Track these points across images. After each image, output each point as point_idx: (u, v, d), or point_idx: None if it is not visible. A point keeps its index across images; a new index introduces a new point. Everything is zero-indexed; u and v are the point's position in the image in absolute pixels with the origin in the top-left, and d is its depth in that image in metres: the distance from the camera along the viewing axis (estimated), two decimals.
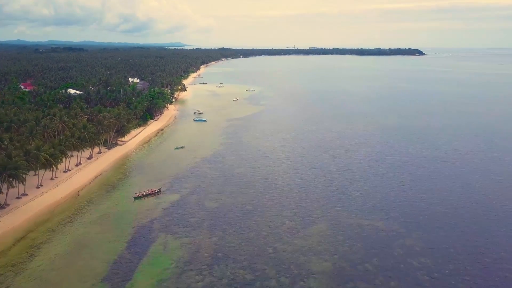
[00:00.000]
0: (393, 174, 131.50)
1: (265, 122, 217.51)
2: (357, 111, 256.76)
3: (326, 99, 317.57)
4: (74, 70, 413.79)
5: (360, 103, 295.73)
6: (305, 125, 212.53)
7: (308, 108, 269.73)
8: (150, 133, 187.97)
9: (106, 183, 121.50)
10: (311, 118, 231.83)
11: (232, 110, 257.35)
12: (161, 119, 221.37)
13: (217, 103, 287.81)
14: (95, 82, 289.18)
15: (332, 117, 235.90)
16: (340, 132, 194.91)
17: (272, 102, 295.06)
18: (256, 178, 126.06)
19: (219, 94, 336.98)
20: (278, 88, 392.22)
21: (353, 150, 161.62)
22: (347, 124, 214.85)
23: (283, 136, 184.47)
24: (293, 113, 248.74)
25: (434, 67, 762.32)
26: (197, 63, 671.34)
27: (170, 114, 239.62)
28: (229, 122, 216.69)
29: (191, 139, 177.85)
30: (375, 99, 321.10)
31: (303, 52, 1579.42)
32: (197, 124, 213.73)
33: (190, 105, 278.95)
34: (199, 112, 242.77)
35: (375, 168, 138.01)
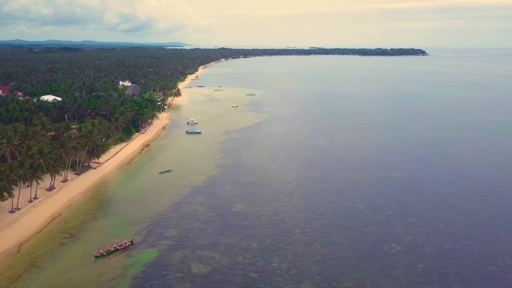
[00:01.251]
0: (436, 212, 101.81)
1: (269, 135, 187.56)
2: (373, 121, 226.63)
3: (335, 105, 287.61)
4: (62, 72, 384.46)
5: (374, 109, 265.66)
6: (315, 138, 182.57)
7: (316, 116, 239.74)
8: (134, 150, 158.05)
9: (62, 230, 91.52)
10: (321, 129, 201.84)
11: (231, 119, 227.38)
12: (149, 131, 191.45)
13: (214, 110, 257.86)
14: (79, 86, 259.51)
15: (346, 128, 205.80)
16: (358, 149, 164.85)
17: (276, 108, 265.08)
18: (262, 221, 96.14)
19: (217, 99, 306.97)
20: (281, 91, 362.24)
21: (379, 175, 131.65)
22: (365, 137, 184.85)
23: (291, 155, 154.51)
24: (300, 123, 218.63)
25: (441, 68, 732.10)
26: (195, 64, 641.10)
27: (160, 124, 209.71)
28: (227, 135, 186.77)
29: (180, 159, 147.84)
30: (390, 105, 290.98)
31: (304, 52, 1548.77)
32: (190, 138, 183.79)
33: (184, 113, 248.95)
34: (192, 122, 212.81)
35: (412, 204, 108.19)
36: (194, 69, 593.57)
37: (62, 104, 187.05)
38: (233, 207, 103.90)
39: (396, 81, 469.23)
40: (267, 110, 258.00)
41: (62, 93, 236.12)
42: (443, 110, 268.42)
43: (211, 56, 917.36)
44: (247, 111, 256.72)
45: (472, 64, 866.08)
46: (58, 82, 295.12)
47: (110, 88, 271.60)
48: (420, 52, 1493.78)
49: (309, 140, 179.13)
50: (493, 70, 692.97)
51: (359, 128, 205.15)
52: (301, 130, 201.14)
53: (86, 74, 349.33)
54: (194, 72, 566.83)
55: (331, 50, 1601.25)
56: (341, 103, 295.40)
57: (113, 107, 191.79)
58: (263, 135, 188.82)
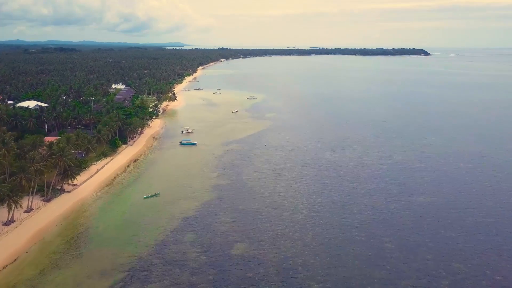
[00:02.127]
0: (485, 254, 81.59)
1: (273, 147, 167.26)
2: (386, 129, 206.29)
3: (343, 109, 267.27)
4: (52, 74, 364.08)
5: (386, 115, 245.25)
6: (325, 150, 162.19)
7: (323, 123, 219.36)
8: (118, 167, 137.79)
9: (12, 286, 71.34)
10: (330, 139, 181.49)
11: (230, 127, 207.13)
12: (138, 143, 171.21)
13: (212, 116, 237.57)
14: (65, 90, 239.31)
15: (357, 137, 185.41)
16: (375, 165, 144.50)
17: (279, 114, 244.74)
18: (268, 270, 75.79)
19: (215, 104, 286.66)
20: (284, 95, 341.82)
21: (405, 200, 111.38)
22: (381, 149, 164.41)
23: (299, 173, 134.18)
24: (306, 131, 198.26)
25: (447, 69, 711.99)
26: (193, 65, 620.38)
27: (152, 133, 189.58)
28: (226, 147, 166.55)
29: (171, 178, 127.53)
30: (403, 109, 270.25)
31: (305, 52, 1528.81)
32: (183, 150, 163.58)
33: (179, 120, 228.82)
34: (187, 131, 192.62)
35: (452, 242, 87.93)
36: (193, 70, 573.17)
37: (40, 112, 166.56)
38: (232, 249, 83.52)
39: (404, 83, 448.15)
40: (269, 116, 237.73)
41: (46, 98, 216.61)
42: (460, 115, 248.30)
43: (211, 56, 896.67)
44: (247, 117, 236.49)
45: (478, 65, 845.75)
46: (46, 85, 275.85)
47: (99, 92, 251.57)
48: (422, 52, 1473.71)
49: (318, 153, 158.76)
50: (501, 71, 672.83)
51: (372, 138, 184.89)
52: (308, 140, 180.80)
53: (77, 77, 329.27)
54: (192, 73, 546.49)
55: (332, 50, 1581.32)
56: (349, 107, 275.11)
57: (98, 116, 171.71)
58: (266, 146, 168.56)
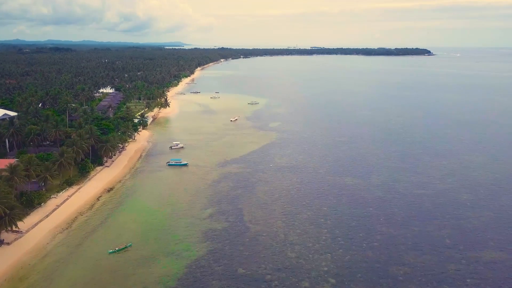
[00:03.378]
0: None
1: (280, 169, 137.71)
2: (414, 145, 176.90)
3: (357, 119, 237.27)
4: (35, 76, 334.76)
5: (408, 126, 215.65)
6: (345, 174, 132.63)
7: (338, 137, 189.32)
8: (85, 201, 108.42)
9: None
10: (349, 159, 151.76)
11: (228, 140, 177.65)
12: (117, 163, 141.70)
13: (208, 126, 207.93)
14: (41, 96, 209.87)
15: (380, 155, 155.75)
16: (411, 197, 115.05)
17: (285, 124, 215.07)
18: None
19: (212, 111, 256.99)
20: (288, 99, 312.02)
21: (466, 258, 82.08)
22: (413, 173, 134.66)
23: (317, 209, 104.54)
24: (319, 147, 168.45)
25: (457, 70, 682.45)
26: (191, 65, 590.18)
27: (136, 149, 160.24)
28: (223, 169, 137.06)
29: (149, 220, 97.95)
30: (427, 120, 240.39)
31: (306, 52, 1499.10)
32: (171, 174, 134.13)
33: (170, 131, 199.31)
34: (177, 146, 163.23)
35: None
36: (190, 71, 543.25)
37: None
38: None
39: (419, 86, 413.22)
40: (273, 127, 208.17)
41: (17, 106, 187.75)
42: (497, 126, 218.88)
43: (210, 56, 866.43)
44: (248, 127, 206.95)
45: (486, 65, 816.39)
46: (23, 90, 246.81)
47: (81, 98, 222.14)
48: (426, 52, 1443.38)
49: (336, 178, 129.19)
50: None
51: (398, 155, 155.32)
52: (322, 159, 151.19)
53: (61, 80, 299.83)
54: (190, 74, 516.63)
55: (333, 50, 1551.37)
56: (363, 116, 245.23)
57: (70, 130, 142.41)
58: (271, 168, 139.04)
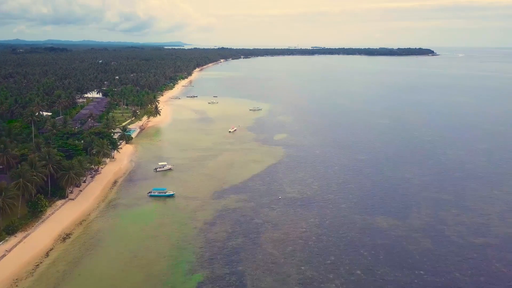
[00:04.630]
0: None
1: (292, 203, 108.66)
2: (449, 163, 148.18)
3: (374, 130, 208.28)
4: (15, 79, 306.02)
5: (436, 139, 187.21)
6: (375, 212, 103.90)
7: (357, 153, 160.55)
8: (28, 259, 79.71)
9: None
10: (376, 186, 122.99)
11: (225, 160, 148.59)
12: (86, 193, 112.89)
13: (203, 139, 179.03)
14: (10, 105, 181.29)
15: (416, 182, 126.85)
16: (472, 249, 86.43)
17: (292, 136, 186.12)
18: None
19: (209, 119, 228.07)
20: (293, 104, 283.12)
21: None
22: (464, 209, 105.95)
23: (346, 271, 75.82)
24: (337, 170, 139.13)
25: (466, 71, 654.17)
26: (189, 66, 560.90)
27: (114, 171, 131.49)
28: (218, 203, 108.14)
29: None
30: (454, 132, 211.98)
31: (308, 52, 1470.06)
32: (152, 209, 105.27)
33: (158, 146, 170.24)
34: (164, 168, 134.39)
35: None
36: (188, 72, 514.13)
37: None
38: None
39: (437, 90, 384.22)
40: (279, 140, 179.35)
41: None
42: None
43: (210, 56, 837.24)
44: (250, 140, 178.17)
45: (494, 66, 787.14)
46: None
47: (58, 106, 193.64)
48: (430, 52, 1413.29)
49: (366, 217, 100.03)
50: None
51: (434, 180, 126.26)
52: (343, 187, 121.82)
53: (43, 83, 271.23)
54: (187, 76, 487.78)
55: (335, 50, 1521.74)
56: (380, 126, 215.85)
57: (26, 152, 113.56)
58: (280, 200, 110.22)
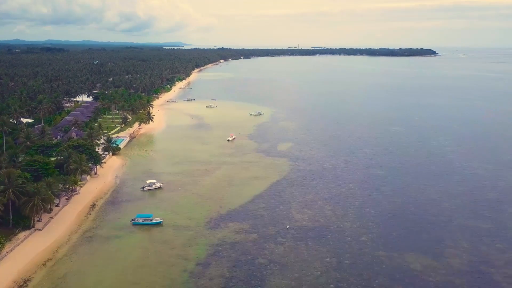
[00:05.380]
0: None
1: (302, 235, 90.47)
2: (493, 185, 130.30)
3: (387, 138, 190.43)
4: (1, 81, 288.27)
5: (471, 153, 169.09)
6: (405, 245, 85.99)
7: (372, 167, 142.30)
8: None
9: None
10: (400, 211, 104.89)
11: (223, 175, 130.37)
12: (57, 221, 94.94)
13: (199, 149, 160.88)
14: None
15: (446, 206, 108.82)
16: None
17: (298, 146, 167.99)
18: None
19: (207, 125, 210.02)
20: (297, 109, 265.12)
21: None
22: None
23: None
24: (352, 188, 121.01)
25: (475, 72, 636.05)
26: (187, 67, 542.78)
27: (95, 191, 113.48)
28: (212, 234, 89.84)
29: None
30: (497, 146, 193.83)
31: (309, 52, 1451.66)
32: (134, 243, 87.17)
33: (148, 158, 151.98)
34: (152, 187, 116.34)
35: None
36: (186, 74, 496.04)
37: None
38: None
39: (442, 92, 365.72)
40: (284, 150, 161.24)
41: None
42: None
43: (209, 57, 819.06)
44: (251, 150, 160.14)
45: (501, 67, 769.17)
46: None
47: (40, 113, 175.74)
48: (431, 52, 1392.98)
49: (393, 255, 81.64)
50: None
51: (468, 203, 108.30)
52: (361, 212, 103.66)
53: (29, 86, 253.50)
54: (185, 77, 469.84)
55: (336, 50, 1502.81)
56: (393, 134, 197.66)
57: None
58: (288, 231, 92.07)
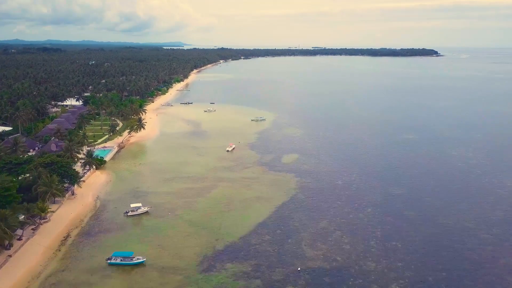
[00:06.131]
0: None
1: (317, 280, 72.97)
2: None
3: (404, 147, 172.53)
4: None
5: (502, 166, 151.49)
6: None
7: (391, 185, 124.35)
8: None
9: None
10: (432, 244, 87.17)
11: (220, 195, 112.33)
12: (17, 259, 77.24)
13: (193, 162, 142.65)
14: None
15: (489, 241, 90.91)
16: None
17: (305, 157, 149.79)
18: None
19: (203, 133, 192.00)
20: (301, 113, 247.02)
21: None
22: None
23: None
24: (371, 213, 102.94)
25: (478, 73, 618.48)
26: (185, 68, 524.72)
27: (69, 218, 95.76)
28: (207, 279, 71.84)
29: None
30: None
31: (309, 52, 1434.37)
32: (113, 286, 69.75)
33: (136, 173, 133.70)
34: (138, 211, 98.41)
35: None
36: (184, 75, 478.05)
37: None
38: None
39: (453, 95, 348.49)
40: (289, 163, 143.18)
41: None
42: None
43: (208, 57, 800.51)
44: (253, 163, 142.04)
45: (506, 67, 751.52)
46: None
47: (17, 121, 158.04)
48: (433, 52, 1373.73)
49: None
50: None
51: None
52: (384, 245, 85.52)
53: (13, 89, 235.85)
54: (183, 79, 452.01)
55: (338, 50, 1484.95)
56: (410, 142, 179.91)
57: None
58: (300, 275, 74.25)
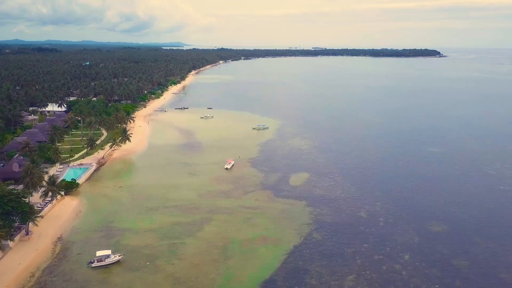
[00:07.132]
0: None
1: None
2: None
3: (433, 166, 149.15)
4: None
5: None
6: None
7: (427, 219, 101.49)
8: None
9: None
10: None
11: (214, 236, 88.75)
12: None
13: (183, 186, 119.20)
14: None
15: None
16: None
17: (316, 177, 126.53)
18: None
19: (198, 146, 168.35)
20: (308, 121, 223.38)
21: None
22: None
23: None
24: (410, 258, 79.80)
25: (484, 74, 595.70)
26: (183, 69, 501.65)
27: (15, 273, 72.81)
28: None
29: None
30: None
31: (310, 53, 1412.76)
32: None
33: (112, 201, 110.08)
34: (106, 260, 75.16)
35: None
36: (181, 76, 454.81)
37: None
38: None
39: (470, 99, 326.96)
40: (299, 185, 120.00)
41: None
42: None
43: (208, 58, 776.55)
44: (255, 185, 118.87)
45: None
46: None
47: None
48: (436, 53, 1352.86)
49: None
50: None
51: None
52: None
53: None
54: (180, 81, 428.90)
55: (339, 51, 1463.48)
56: (435, 158, 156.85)
57: None
58: None
